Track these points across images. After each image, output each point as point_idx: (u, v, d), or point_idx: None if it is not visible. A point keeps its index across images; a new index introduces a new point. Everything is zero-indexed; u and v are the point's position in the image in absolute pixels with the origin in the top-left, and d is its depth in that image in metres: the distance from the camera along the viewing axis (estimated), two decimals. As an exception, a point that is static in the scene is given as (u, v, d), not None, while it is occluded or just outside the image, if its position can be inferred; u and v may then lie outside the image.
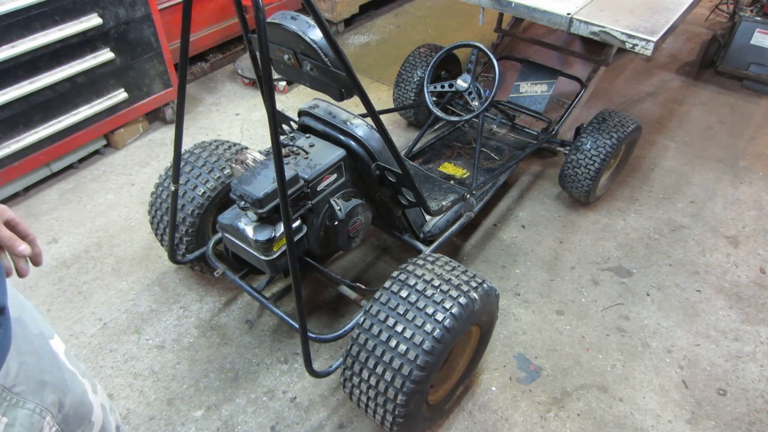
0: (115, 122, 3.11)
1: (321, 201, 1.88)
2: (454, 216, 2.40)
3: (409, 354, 1.53)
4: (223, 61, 4.08)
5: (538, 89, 3.00)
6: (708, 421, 1.99)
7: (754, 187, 3.03)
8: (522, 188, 3.03)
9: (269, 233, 1.73)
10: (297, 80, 1.82)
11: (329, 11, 4.40)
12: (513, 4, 2.48)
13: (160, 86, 3.23)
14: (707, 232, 2.76)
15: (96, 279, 2.47)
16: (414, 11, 4.98)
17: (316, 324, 2.30)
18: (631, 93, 3.83)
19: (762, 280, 2.51)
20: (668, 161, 3.22)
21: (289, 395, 2.05)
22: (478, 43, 2.48)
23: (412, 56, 3.16)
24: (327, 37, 1.34)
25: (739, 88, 3.84)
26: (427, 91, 2.61)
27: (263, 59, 1.19)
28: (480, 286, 1.69)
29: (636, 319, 2.34)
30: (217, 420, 1.97)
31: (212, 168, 2.13)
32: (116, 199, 2.91)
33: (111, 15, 2.79)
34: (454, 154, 2.94)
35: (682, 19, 2.46)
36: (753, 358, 2.19)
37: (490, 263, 2.58)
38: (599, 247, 2.67)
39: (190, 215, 2.10)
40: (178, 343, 2.22)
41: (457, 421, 1.98)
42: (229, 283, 2.44)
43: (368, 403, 1.66)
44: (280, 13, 1.66)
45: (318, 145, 1.92)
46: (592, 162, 2.60)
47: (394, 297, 1.63)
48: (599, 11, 2.40)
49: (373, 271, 2.55)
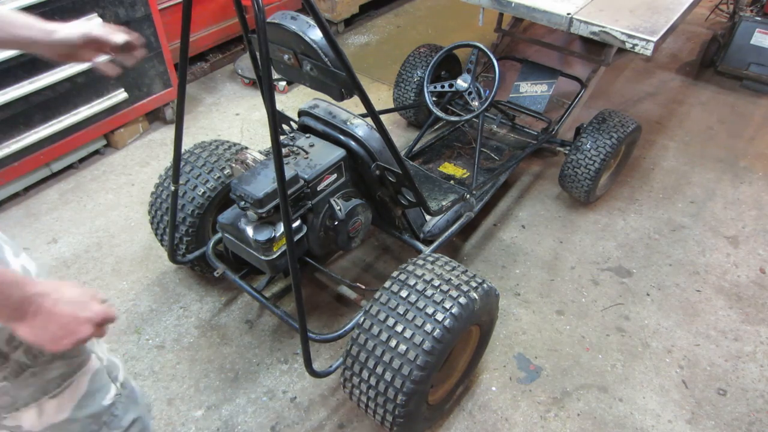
0: (115, 122, 3.11)
1: (321, 201, 1.88)
2: (454, 216, 2.40)
3: (409, 354, 1.53)
4: (223, 61, 4.08)
5: (538, 89, 3.00)
6: (708, 421, 1.99)
7: (754, 187, 3.03)
8: (522, 188, 3.03)
9: (269, 233, 1.73)
10: (297, 80, 1.82)
11: (329, 11, 4.40)
12: (513, 4, 2.48)
13: (160, 86, 3.24)
14: (707, 232, 2.76)
15: (96, 279, 2.47)
16: (414, 11, 4.98)
17: (316, 324, 2.30)
18: (631, 93, 3.83)
19: (762, 280, 2.51)
20: (668, 161, 3.22)
21: (289, 395, 2.05)
22: (478, 43, 2.48)
23: (412, 56, 3.16)
24: (327, 37, 1.34)
25: (738, 88, 3.84)
26: (427, 91, 2.61)
27: (263, 59, 1.19)
28: (480, 286, 1.69)
29: (636, 319, 2.34)
30: (217, 420, 1.97)
31: (212, 168, 2.13)
32: (116, 199, 2.91)
33: (111, 15, 2.79)
34: (454, 154, 2.94)
35: (682, 19, 2.46)
36: (753, 358, 2.19)
37: (490, 263, 2.58)
38: (599, 247, 2.67)
39: (190, 215, 2.10)
40: (178, 343, 2.22)
41: (457, 421, 1.98)
42: (229, 283, 2.44)
43: (368, 403, 1.66)
44: (280, 13, 1.66)
45: (318, 145, 1.92)
46: (592, 162, 2.60)
47: (394, 297, 1.63)
48: (599, 11, 2.40)
49: (373, 271, 2.56)
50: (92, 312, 0.97)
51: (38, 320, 0.90)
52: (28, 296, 0.88)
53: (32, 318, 0.89)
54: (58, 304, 0.92)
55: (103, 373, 1.25)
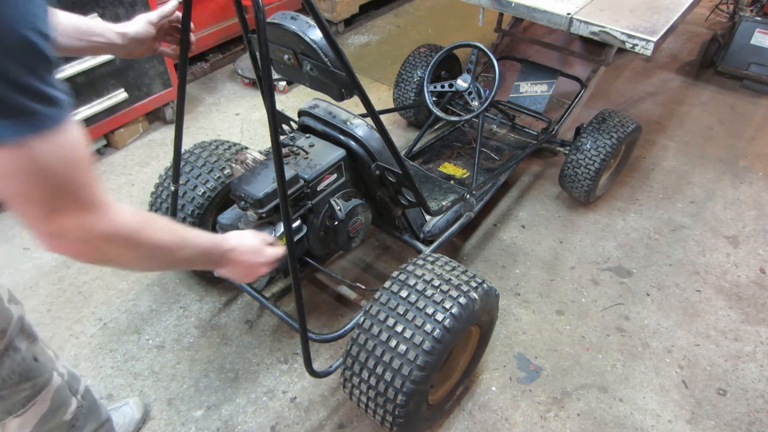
0: (115, 122, 3.11)
1: (321, 201, 1.88)
2: (454, 216, 2.40)
3: (409, 354, 1.53)
4: (223, 61, 4.08)
5: (538, 89, 3.00)
6: (708, 421, 1.99)
7: (754, 187, 3.03)
8: (522, 188, 3.03)
9: (269, 233, 1.73)
10: (297, 80, 1.82)
11: (329, 11, 4.40)
12: (513, 4, 2.48)
13: (160, 86, 3.24)
14: (707, 232, 2.76)
15: (96, 279, 2.47)
16: (414, 11, 4.98)
17: (316, 324, 2.30)
18: (631, 93, 3.83)
19: (762, 280, 2.51)
20: (668, 161, 3.22)
21: (289, 395, 2.05)
22: (478, 43, 2.48)
23: (412, 56, 3.16)
24: (327, 37, 1.34)
25: (738, 88, 3.84)
26: (427, 91, 2.61)
27: (263, 59, 1.19)
28: (480, 286, 1.69)
29: (636, 319, 2.34)
30: (217, 420, 1.97)
31: (212, 168, 2.13)
32: (116, 199, 2.90)
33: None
34: (454, 154, 2.94)
35: (682, 19, 2.46)
36: (753, 358, 2.19)
37: (490, 263, 2.58)
38: (599, 247, 2.67)
39: (190, 215, 2.10)
40: (178, 343, 2.22)
41: (457, 421, 1.98)
42: (229, 283, 2.43)
43: (368, 403, 1.66)
44: (280, 13, 1.66)
45: (318, 145, 1.92)
46: (592, 162, 2.60)
47: (393, 297, 1.63)
48: (599, 11, 2.40)
49: (373, 271, 2.56)
50: (265, 257, 1.31)
51: (231, 267, 1.23)
52: (223, 253, 1.19)
53: (227, 265, 1.22)
54: (242, 255, 1.24)
55: (65, 388, 1.35)
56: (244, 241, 1.26)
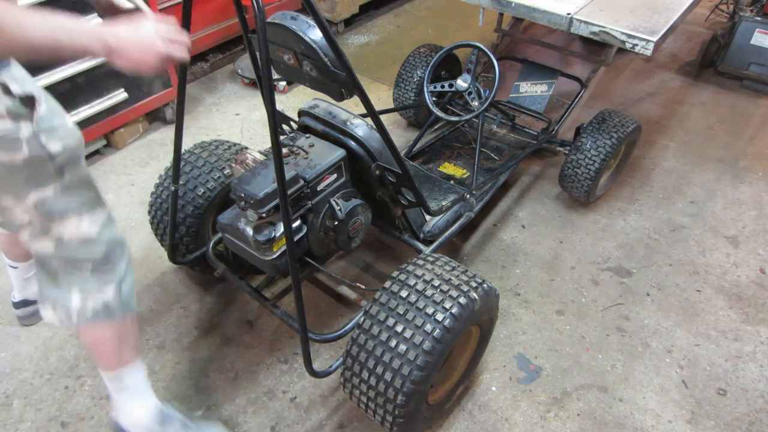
0: (115, 122, 3.11)
1: (321, 201, 1.88)
2: (454, 216, 2.40)
3: (409, 354, 1.53)
4: (223, 61, 4.08)
5: (538, 89, 3.00)
6: (708, 421, 1.99)
7: (754, 187, 3.03)
8: (522, 188, 3.03)
9: (269, 233, 1.73)
10: (297, 80, 1.82)
11: (329, 11, 4.40)
12: (513, 4, 2.48)
13: (160, 86, 3.24)
14: (707, 232, 2.76)
15: (96, 279, 2.47)
16: (414, 11, 4.98)
17: (316, 324, 2.30)
18: (631, 93, 3.83)
19: (762, 280, 2.51)
20: (668, 161, 3.22)
21: (289, 395, 2.05)
22: (478, 43, 2.48)
23: (412, 56, 3.17)
24: (327, 37, 1.34)
25: (738, 88, 3.84)
26: (427, 91, 2.61)
27: (263, 59, 1.19)
28: (480, 286, 1.69)
29: (636, 319, 2.34)
30: (217, 420, 1.97)
31: (212, 168, 2.13)
32: (116, 199, 2.91)
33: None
34: (454, 154, 2.94)
35: (682, 19, 2.46)
36: (753, 358, 2.19)
37: (490, 263, 2.59)
38: (599, 247, 2.67)
39: (190, 215, 2.10)
40: (178, 343, 2.22)
41: (457, 421, 1.98)
42: (229, 283, 2.44)
43: (368, 403, 1.66)
44: (280, 13, 1.66)
45: (318, 145, 1.92)
46: (592, 162, 2.60)
47: (393, 297, 1.63)
48: (599, 11, 2.40)
49: (373, 271, 2.56)
50: (155, 52, 1.18)
51: (115, 58, 1.16)
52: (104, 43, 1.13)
53: (110, 55, 1.15)
54: (127, 47, 1.16)
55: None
56: (132, 33, 1.17)
